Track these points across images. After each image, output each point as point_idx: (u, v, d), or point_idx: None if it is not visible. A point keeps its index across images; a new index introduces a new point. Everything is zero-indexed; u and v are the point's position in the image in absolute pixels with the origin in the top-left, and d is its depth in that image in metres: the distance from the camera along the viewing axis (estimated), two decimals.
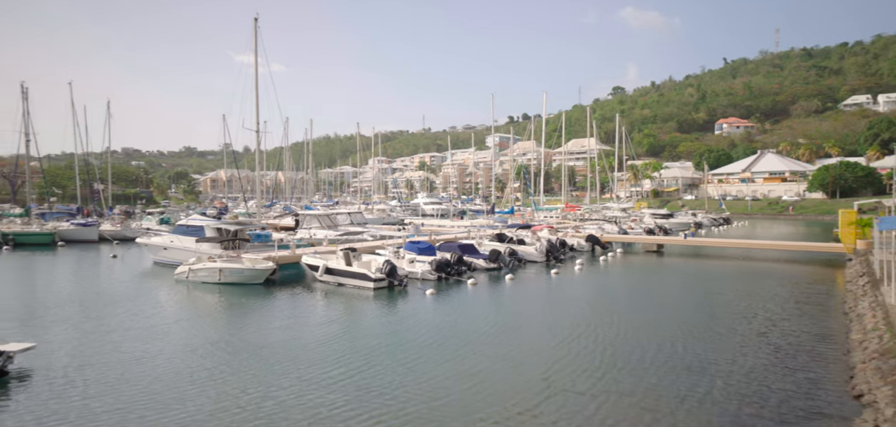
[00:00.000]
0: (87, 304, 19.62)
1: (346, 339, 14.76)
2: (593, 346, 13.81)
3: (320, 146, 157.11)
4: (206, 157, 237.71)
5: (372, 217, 53.98)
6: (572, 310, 18.83)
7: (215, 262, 23.40)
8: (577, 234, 38.61)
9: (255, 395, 10.43)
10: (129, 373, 11.67)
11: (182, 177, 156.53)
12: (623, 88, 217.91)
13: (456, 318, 17.28)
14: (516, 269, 27.20)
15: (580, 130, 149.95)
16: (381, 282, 21.34)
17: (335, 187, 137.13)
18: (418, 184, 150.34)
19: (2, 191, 71.26)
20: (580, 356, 12.94)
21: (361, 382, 11.07)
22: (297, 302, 19.84)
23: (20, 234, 40.65)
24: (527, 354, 13.27)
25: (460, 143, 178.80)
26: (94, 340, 14.37)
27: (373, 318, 17.42)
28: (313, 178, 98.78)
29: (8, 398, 10.28)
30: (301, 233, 35.69)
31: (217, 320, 17.32)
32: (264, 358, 12.87)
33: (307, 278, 24.15)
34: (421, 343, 14.14)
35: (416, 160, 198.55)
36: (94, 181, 61.32)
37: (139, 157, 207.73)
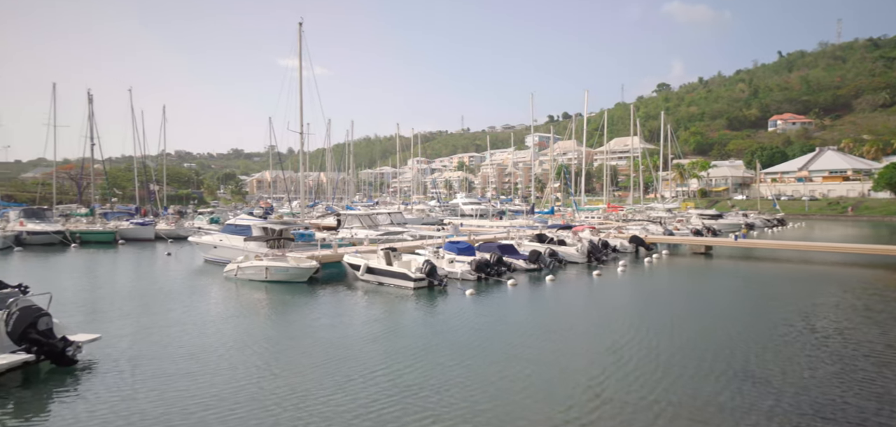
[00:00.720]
0: (145, 299, 20.68)
1: (387, 338, 14.91)
2: (643, 351, 13.33)
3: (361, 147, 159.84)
4: (252, 158, 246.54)
5: (411, 217, 54.49)
6: (617, 313, 18.32)
7: (262, 260, 24.15)
8: (620, 234, 37.63)
9: (302, 391, 10.66)
10: (185, 366, 12.19)
11: (230, 178, 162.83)
12: (668, 85, 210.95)
13: (497, 320, 17.15)
14: (557, 270, 26.76)
15: (623, 129, 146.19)
16: (421, 281, 21.45)
17: (375, 188, 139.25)
18: (457, 184, 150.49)
19: (69, 192, 76.13)
20: (629, 362, 12.48)
21: (403, 382, 11.13)
22: (340, 300, 20.21)
23: (86, 232, 43.34)
24: (572, 359, 12.92)
25: (499, 142, 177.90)
26: (153, 334, 15.10)
27: (413, 317, 17.52)
28: (354, 178, 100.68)
29: (77, 384, 10.95)
30: (343, 232, 36.41)
31: (265, 317, 17.86)
32: (310, 355, 13.15)
33: (348, 277, 24.57)
34: (462, 344, 14.09)
35: (455, 160, 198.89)
36: (150, 182, 64.70)
37: (190, 159, 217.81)
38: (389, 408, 9.75)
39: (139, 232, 45.07)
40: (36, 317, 11.56)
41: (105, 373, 11.57)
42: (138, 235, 44.62)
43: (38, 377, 11.28)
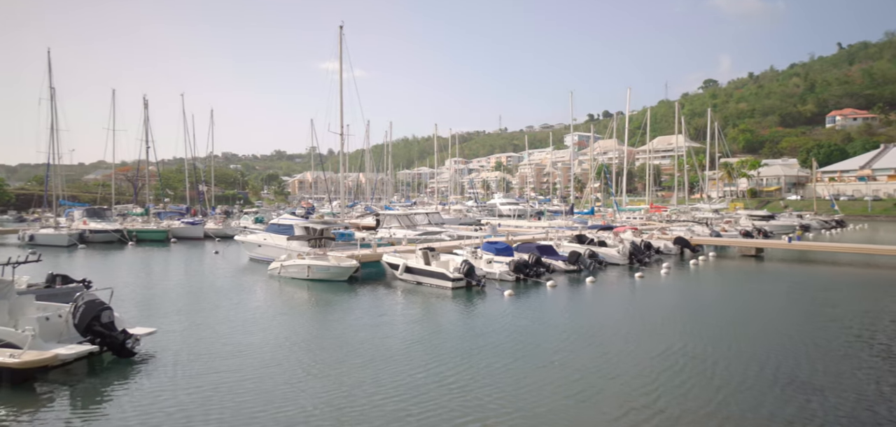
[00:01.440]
0: (196, 295, 21.67)
1: (427, 337, 15.03)
2: (694, 358, 12.72)
3: (399, 148, 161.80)
4: (294, 160, 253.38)
5: (449, 217, 54.68)
6: (662, 316, 17.77)
7: (304, 259, 24.81)
8: (664, 235, 36.52)
9: (344, 388, 10.91)
10: (233, 361, 12.68)
11: (273, 179, 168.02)
12: (715, 81, 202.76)
13: (536, 321, 17.00)
14: (597, 272, 26.24)
15: (666, 127, 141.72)
16: (459, 281, 21.51)
17: (413, 188, 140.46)
18: (494, 184, 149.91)
19: (126, 192, 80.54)
20: (681, 370, 11.92)
21: (443, 382, 11.21)
22: (380, 299, 20.53)
23: (141, 231, 45.76)
24: (618, 365, 12.48)
25: (537, 142, 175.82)
26: (204, 329, 15.81)
27: (452, 317, 17.59)
28: (392, 179, 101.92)
29: (137, 374, 11.60)
30: (381, 232, 36.97)
31: (308, 315, 18.36)
32: (352, 353, 13.41)
33: (387, 276, 24.91)
34: (502, 345, 14.04)
35: (493, 160, 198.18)
36: (199, 183, 67.56)
37: (236, 161, 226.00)
38: (429, 407, 9.84)
39: (189, 231, 47.13)
40: (100, 310, 12.31)
41: (161, 365, 12.20)
42: (189, 234, 46.67)
43: (102, 366, 12.01)
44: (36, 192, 74.62)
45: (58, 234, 41.35)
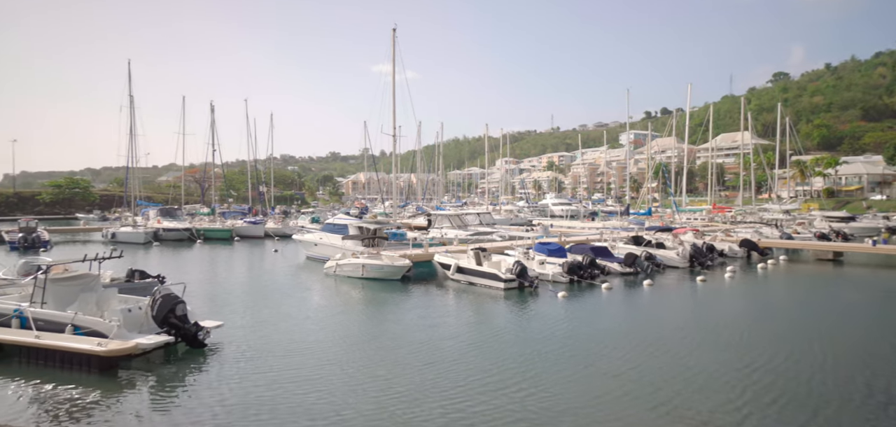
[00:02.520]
0: (257, 291, 22.79)
1: (480, 337, 15.04)
2: (769, 372, 11.70)
3: (449, 148, 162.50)
4: (347, 161, 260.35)
5: (500, 218, 54.41)
6: (727, 324, 16.87)
7: (358, 258, 25.47)
8: (728, 238, 34.66)
9: (398, 386, 11.11)
10: (293, 356, 13.21)
11: (328, 180, 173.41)
12: (787, 74, 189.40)
13: (591, 324, 16.63)
14: (655, 275, 25.27)
15: (731, 124, 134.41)
16: (511, 282, 21.37)
17: (463, 188, 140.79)
18: (546, 184, 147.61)
19: (194, 193, 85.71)
20: (765, 385, 10.98)
21: (496, 382, 11.17)
22: (432, 299, 20.74)
23: (208, 229, 48.56)
24: (677, 374, 11.84)
25: (591, 141, 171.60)
26: (266, 324, 16.57)
27: (505, 318, 17.51)
28: (443, 179, 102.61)
29: (207, 364, 12.35)
30: (433, 232, 37.34)
31: (363, 313, 18.83)
32: (407, 352, 13.62)
33: (439, 276, 25.12)
34: (556, 348, 13.84)
35: (544, 160, 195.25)
36: (259, 184, 70.85)
37: (293, 162, 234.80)
38: (481, 408, 9.85)
39: (251, 230, 49.53)
40: (174, 303, 13.20)
41: (228, 356, 12.92)
42: (250, 233, 49.05)
43: (176, 356, 12.88)
44: (117, 193, 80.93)
45: (136, 232, 44.63)
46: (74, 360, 11.71)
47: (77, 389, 10.70)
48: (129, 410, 9.84)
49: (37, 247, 38.69)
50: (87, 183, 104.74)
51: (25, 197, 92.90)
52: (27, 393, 10.65)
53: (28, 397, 10.45)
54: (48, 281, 13.60)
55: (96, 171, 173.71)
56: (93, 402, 10.18)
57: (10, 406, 9.96)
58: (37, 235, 40.57)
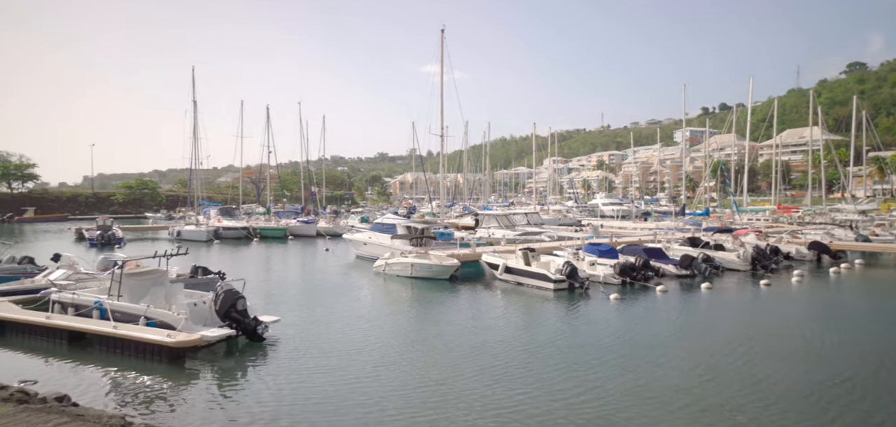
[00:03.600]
0: (311, 288, 23.57)
1: (530, 338, 14.90)
2: (844, 387, 10.83)
3: (496, 148, 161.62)
4: (395, 161, 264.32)
5: (548, 218, 53.60)
6: (797, 332, 15.83)
7: (407, 257, 25.79)
8: (795, 239, 32.58)
9: (447, 385, 11.17)
10: (346, 352, 13.55)
11: (376, 180, 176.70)
12: (863, 64, 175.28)
13: (645, 328, 16.08)
14: (713, 278, 24.09)
15: (798, 119, 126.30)
16: (561, 283, 21.01)
17: (510, 188, 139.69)
18: (596, 184, 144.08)
19: (250, 193, 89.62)
20: (826, 399, 10.17)
21: (547, 385, 11.02)
22: (481, 299, 20.71)
23: (264, 228, 50.64)
24: (745, 386, 11.07)
25: (643, 139, 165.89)
26: (319, 320, 17.11)
27: (555, 320, 17.23)
28: (490, 179, 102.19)
29: (266, 358, 12.89)
30: (480, 232, 37.27)
31: (413, 312, 19.02)
32: (461, 356, 13.56)
33: (486, 276, 25.04)
34: (608, 351, 13.49)
35: (594, 159, 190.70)
36: (311, 185, 73.14)
37: (343, 163, 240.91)
38: (532, 410, 9.73)
39: (304, 229, 51.18)
40: (235, 299, 13.86)
41: (285, 351, 13.43)
42: (303, 232, 50.69)
43: (237, 348, 13.51)
44: (181, 194, 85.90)
45: (199, 231, 47.17)
46: (147, 350, 12.53)
47: (149, 377, 11.45)
48: (196, 399, 10.42)
49: (112, 244, 41.70)
50: (154, 184, 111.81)
51: (102, 197, 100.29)
52: (107, 378, 11.50)
53: (108, 382, 11.28)
54: (123, 275, 14.62)
55: (163, 173, 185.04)
56: (164, 389, 10.86)
57: (93, 390, 10.77)
58: (112, 233, 43.71)
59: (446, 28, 36.09)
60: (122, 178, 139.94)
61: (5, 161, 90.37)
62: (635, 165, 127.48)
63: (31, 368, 12.19)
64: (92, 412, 7.50)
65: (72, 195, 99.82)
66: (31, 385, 10.03)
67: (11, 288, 17.93)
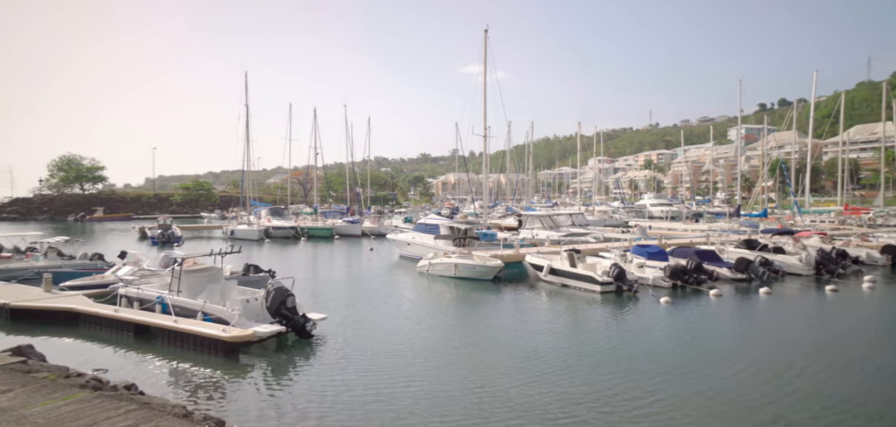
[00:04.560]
0: (356, 287, 24.03)
1: (576, 341, 14.60)
2: None
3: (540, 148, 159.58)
4: (437, 162, 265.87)
5: (593, 219, 52.44)
6: (871, 341, 14.76)
7: (450, 257, 25.85)
8: (865, 243, 30.41)
9: (493, 386, 11.11)
10: (395, 356, 13.65)
11: (419, 181, 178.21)
12: None
13: (698, 333, 15.43)
14: (772, 282, 22.84)
15: (869, 114, 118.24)
16: (608, 285, 20.48)
17: (553, 188, 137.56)
18: (643, 184, 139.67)
19: (298, 194, 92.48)
20: None
21: (594, 389, 10.76)
22: (526, 300, 20.50)
23: (311, 228, 52.12)
24: (817, 401, 10.28)
25: (694, 137, 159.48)
26: (365, 318, 17.40)
27: (603, 322, 16.80)
28: (533, 179, 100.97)
29: (314, 354, 13.26)
30: (523, 233, 36.89)
31: (457, 313, 19.01)
32: (505, 356, 13.54)
33: (530, 277, 24.75)
34: (660, 356, 13.02)
35: (641, 159, 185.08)
36: (356, 186, 74.68)
37: (386, 164, 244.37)
38: (583, 417, 9.52)
39: (349, 229, 52.29)
40: (285, 296, 14.32)
41: (332, 347, 13.75)
42: (349, 232, 51.80)
43: (287, 344, 13.95)
44: (233, 194, 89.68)
45: (251, 230, 49.11)
46: (204, 343, 13.14)
47: (207, 369, 12.01)
48: (250, 392, 10.84)
49: (172, 242, 44.05)
50: (209, 185, 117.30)
51: (162, 197, 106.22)
52: (169, 369, 12.16)
53: (170, 373, 11.92)
54: (182, 272, 15.40)
55: (216, 175, 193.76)
56: (220, 381, 11.36)
57: (156, 379, 11.41)
58: (172, 232, 46.19)
59: (489, 28, 35.97)
60: (179, 180, 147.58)
61: (78, 164, 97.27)
62: (686, 165, 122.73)
63: (101, 357, 13.05)
64: (157, 401, 7.95)
65: (135, 196, 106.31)
66: (103, 373, 10.72)
67: (84, 283, 19.29)
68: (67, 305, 16.01)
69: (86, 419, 6.77)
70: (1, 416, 6.81)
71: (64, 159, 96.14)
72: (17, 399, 7.40)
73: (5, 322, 15.86)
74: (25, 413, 6.89)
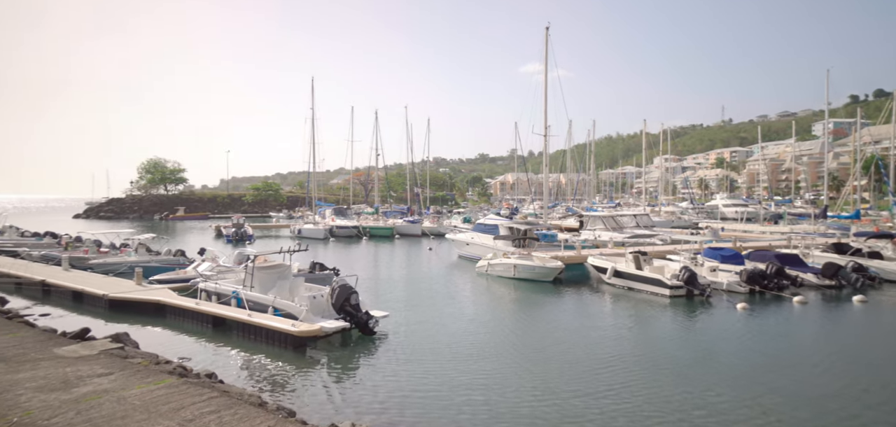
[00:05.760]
0: (417, 286, 24.34)
1: (644, 347, 14.01)
2: None
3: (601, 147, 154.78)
4: (495, 162, 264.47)
5: (659, 220, 50.16)
6: None
7: (510, 258, 25.61)
8: None
9: (559, 393, 10.86)
10: (457, 359, 13.64)
11: (477, 181, 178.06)
12: None
13: (780, 343, 14.33)
14: (867, 289, 20.79)
15: None
16: (678, 289, 19.49)
17: (616, 188, 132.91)
18: (715, 183, 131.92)
19: (359, 194, 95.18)
20: None
21: (662, 399, 10.26)
22: (588, 303, 19.93)
23: (372, 227, 53.44)
24: None
25: (773, 134, 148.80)
26: (425, 317, 17.60)
27: (672, 329, 16.03)
28: (594, 179, 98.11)
29: (376, 350, 13.57)
30: (585, 234, 35.90)
31: (521, 317, 18.69)
32: (564, 357, 13.30)
33: (592, 279, 24.04)
34: (738, 367, 12.21)
35: (712, 156, 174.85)
36: (416, 186, 75.77)
37: (444, 164, 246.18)
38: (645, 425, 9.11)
39: (409, 229, 53.10)
40: (349, 293, 14.77)
41: (394, 345, 14.01)
42: (409, 231, 52.61)
43: (351, 340, 14.37)
44: (299, 195, 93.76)
45: (316, 229, 51.08)
46: (274, 337, 13.80)
47: (277, 361, 12.60)
48: (317, 384, 11.26)
49: (245, 240, 46.69)
50: (277, 186, 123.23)
51: (235, 198, 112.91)
52: (243, 360, 12.87)
53: (244, 363, 12.62)
54: (255, 269, 16.27)
55: (283, 176, 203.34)
56: (289, 373, 11.89)
57: (232, 369, 12.11)
58: (244, 230, 48.96)
59: (550, 26, 35.32)
60: (249, 181, 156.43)
61: (163, 167, 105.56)
62: (763, 163, 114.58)
63: (185, 346, 14.04)
64: (235, 390, 8.45)
65: (211, 196, 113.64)
66: (187, 361, 11.54)
67: (169, 277, 20.84)
68: (155, 298, 17.38)
69: (175, 403, 7.30)
70: (105, 395, 7.50)
71: (151, 162, 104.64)
72: (118, 381, 8.12)
73: (104, 311, 17.45)
74: (125, 394, 7.55)
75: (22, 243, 33.16)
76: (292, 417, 7.58)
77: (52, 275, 21.09)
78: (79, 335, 11.87)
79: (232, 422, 6.73)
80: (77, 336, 11.74)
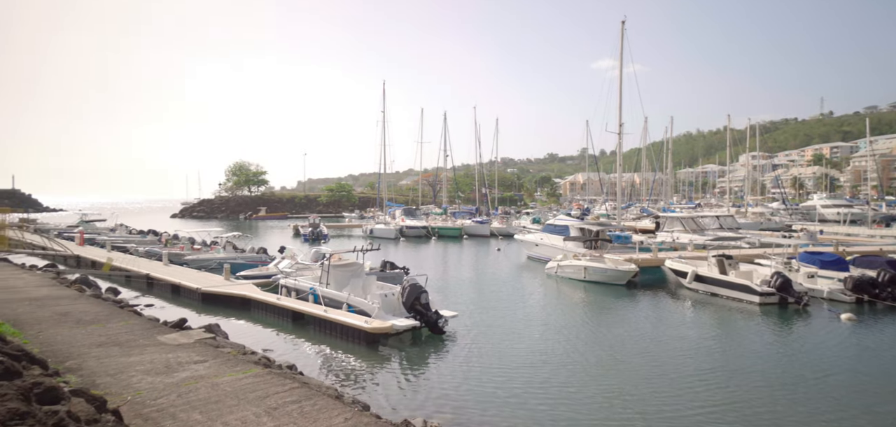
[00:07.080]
0: (485, 287, 24.27)
1: (731, 359, 13.03)
2: None
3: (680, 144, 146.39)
4: (564, 162, 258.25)
5: (745, 221, 46.66)
6: None
7: (580, 260, 24.86)
8: None
9: (633, 403, 10.40)
10: (528, 363, 13.47)
11: (545, 181, 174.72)
12: None
13: None
14: None
15: None
16: (769, 296, 17.97)
17: (696, 188, 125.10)
18: (811, 182, 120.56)
19: (427, 195, 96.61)
20: None
21: (751, 416, 9.49)
22: (666, 309, 18.88)
23: (441, 228, 54.06)
24: None
25: (883, 126, 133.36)
26: (494, 318, 17.49)
27: (763, 340, 14.78)
28: (671, 178, 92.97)
29: (447, 349, 13.69)
30: (662, 236, 34.09)
31: (593, 322, 17.92)
32: (642, 365, 12.68)
33: (670, 284, 22.76)
34: (844, 385, 11.05)
35: (808, 153, 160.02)
36: (484, 187, 75.71)
37: (512, 165, 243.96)
38: None
39: (478, 229, 53.15)
40: (419, 293, 15.00)
41: (464, 345, 14.05)
42: (477, 232, 52.66)
43: (421, 339, 14.58)
44: (370, 196, 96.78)
45: (387, 229, 52.52)
46: (349, 332, 14.31)
47: (351, 356, 13.06)
48: (390, 380, 11.53)
49: (320, 239, 48.93)
50: (349, 187, 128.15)
51: (311, 198, 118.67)
52: (320, 353, 13.47)
53: (321, 357, 13.20)
54: (331, 267, 16.97)
55: (355, 177, 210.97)
56: (363, 368, 12.27)
57: (310, 361, 12.71)
58: (320, 230, 51.32)
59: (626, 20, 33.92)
60: (324, 182, 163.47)
61: (247, 169, 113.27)
62: (873, 159, 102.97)
63: (267, 338, 14.92)
64: (314, 382, 8.87)
65: (289, 197, 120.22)
66: (270, 353, 12.25)
67: (253, 273, 22.28)
68: (242, 292, 18.63)
69: (260, 391, 7.78)
70: (201, 381, 8.17)
71: (237, 165, 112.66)
72: (211, 369, 8.80)
73: (198, 303, 18.98)
74: (217, 381, 8.18)
75: (130, 240, 37.03)
76: (367, 411, 7.81)
77: (154, 269, 23.26)
78: (177, 324, 12.98)
79: (312, 412, 7.05)
80: (176, 325, 12.83)
